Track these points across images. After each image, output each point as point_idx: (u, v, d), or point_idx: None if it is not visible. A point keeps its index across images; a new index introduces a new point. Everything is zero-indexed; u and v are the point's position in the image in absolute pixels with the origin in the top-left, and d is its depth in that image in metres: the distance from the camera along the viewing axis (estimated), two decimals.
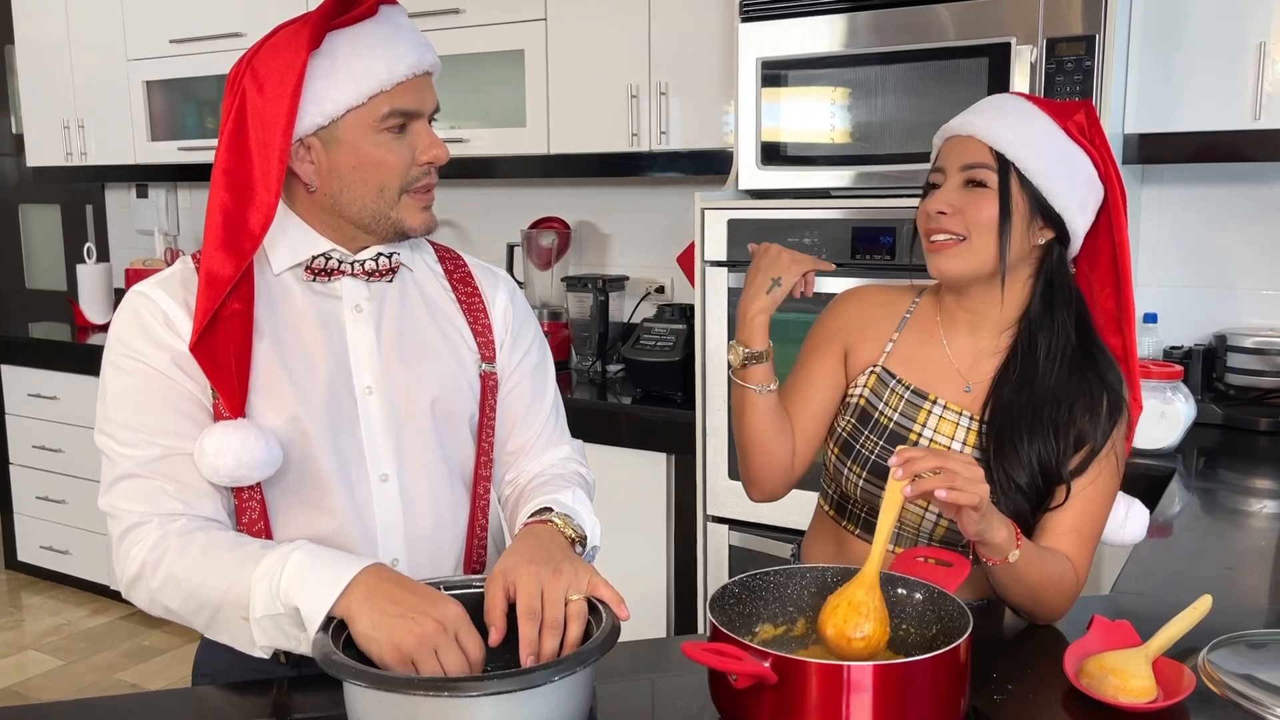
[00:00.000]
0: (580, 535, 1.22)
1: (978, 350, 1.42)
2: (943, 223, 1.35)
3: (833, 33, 2.39)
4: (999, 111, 1.37)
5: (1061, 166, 1.34)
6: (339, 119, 1.20)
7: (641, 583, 2.80)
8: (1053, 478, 1.34)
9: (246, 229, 1.19)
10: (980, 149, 1.34)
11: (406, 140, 1.24)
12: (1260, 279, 2.55)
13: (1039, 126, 1.35)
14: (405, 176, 1.24)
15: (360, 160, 1.22)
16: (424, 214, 1.28)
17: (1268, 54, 2.21)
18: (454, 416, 1.33)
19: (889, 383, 1.44)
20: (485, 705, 0.94)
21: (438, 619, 1.04)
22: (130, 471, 1.19)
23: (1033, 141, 1.34)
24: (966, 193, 1.35)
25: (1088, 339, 1.38)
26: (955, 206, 1.35)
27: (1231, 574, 1.56)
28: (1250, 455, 2.20)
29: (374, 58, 1.19)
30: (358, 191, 1.23)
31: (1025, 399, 1.35)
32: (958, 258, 1.35)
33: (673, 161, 2.89)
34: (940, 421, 1.40)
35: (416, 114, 1.24)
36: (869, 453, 1.42)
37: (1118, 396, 1.36)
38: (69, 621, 3.87)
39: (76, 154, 4.06)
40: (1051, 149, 1.34)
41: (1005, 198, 1.33)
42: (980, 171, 1.34)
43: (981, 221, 1.34)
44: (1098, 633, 1.19)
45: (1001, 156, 1.33)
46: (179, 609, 1.16)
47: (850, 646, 1.10)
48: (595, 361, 3.19)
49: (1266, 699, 1.05)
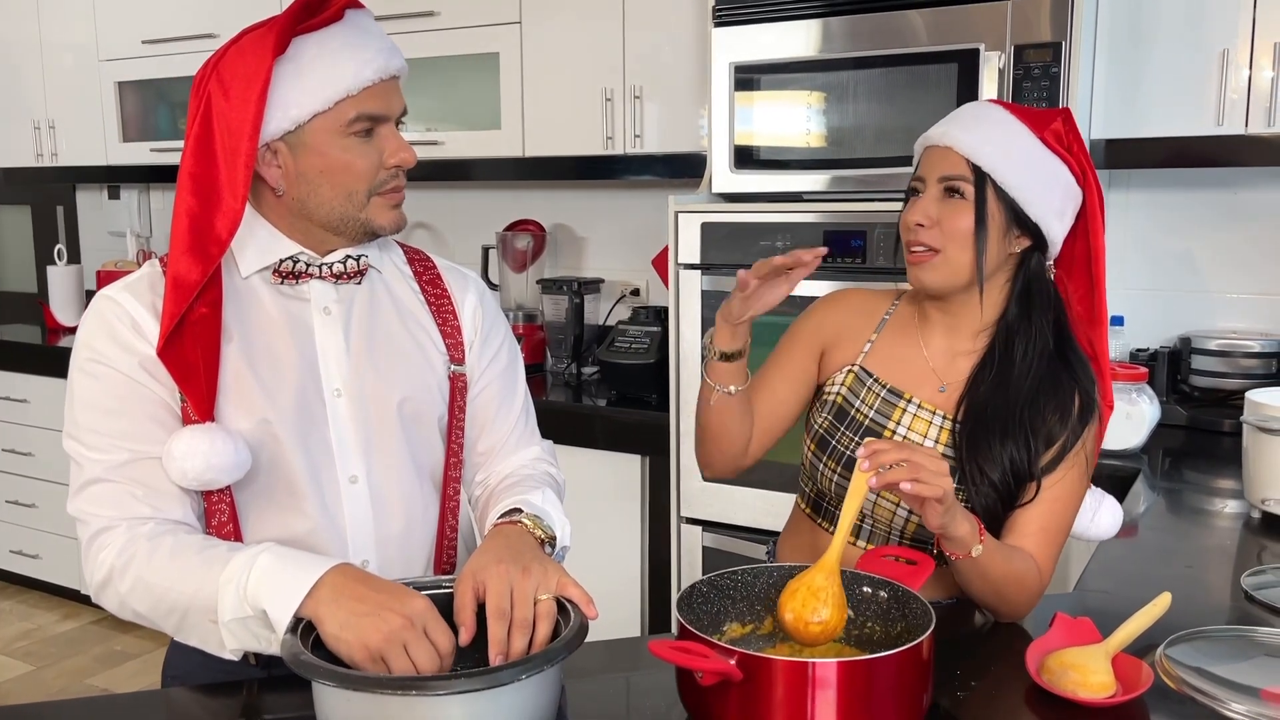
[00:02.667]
0: (550, 536, 1.23)
1: (954, 352, 1.45)
2: (920, 235, 1.37)
3: (805, 38, 2.41)
4: (977, 122, 1.38)
5: (1038, 176, 1.36)
6: (305, 124, 1.20)
7: (616, 582, 2.81)
8: (1024, 475, 1.36)
9: (213, 234, 1.19)
10: (957, 160, 1.36)
11: (374, 144, 1.24)
12: (1225, 282, 2.59)
13: (1016, 137, 1.37)
14: (373, 180, 1.25)
15: (327, 164, 1.22)
16: (393, 212, 1.29)
17: (1231, 61, 2.24)
18: (422, 418, 1.33)
19: (866, 381, 1.46)
20: (453, 704, 0.95)
21: (405, 615, 1.04)
22: (98, 476, 1.19)
23: (1010, 153, 1.36)
24: (944, 203, 1.37)
25: (1064, 342, 1.40)
26: (933, 218, 1.37)
27: (1192, 572, 1.59)
28: (1214, 456, 2.23)
29: (340, 63, 1.19)
30: (325, 195, 1.24)
31: (1000, 399, 1.37)
32: (934, 270, 1.38)
33: (647, 165, 2.90)
34: (914, 420, 1.42)
35: (383, 118, 1.24)
36: (844, 449, 1.44)
37: (1089, 398, 1.38)
38: (39, 626, 3.84)
39: (47, 155, 4.03)
40: (1028, 159, 1.36)
41: (981, 209, 1.35)
42: (957, 183, 1.36)
43: (958, 233, 1.36)
44: (1059, 630, 1.21)
45: (978, 168, 1.35)
46: (148, 613, 1.16)
47: (807, 630, 1.12)
48: (570, 364, 3.20)
49: (1220, 693, 1.07)
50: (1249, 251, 2.56)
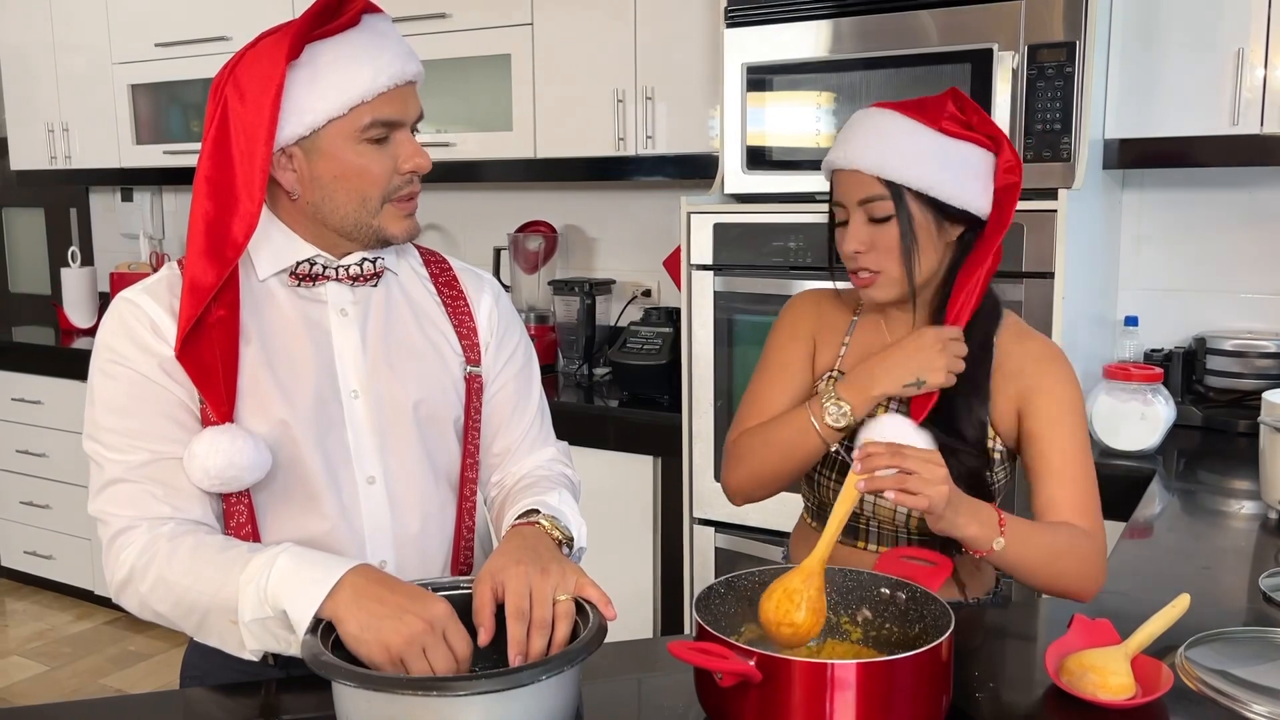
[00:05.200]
0: (567, 536, 1.23)
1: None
2: (860, 261, 1.39)
3: (817, 38, 2.40)
4: (876, 136, 1.37)
5: (950, 168, 1.36)
6: (320, 129, 1.20)
7: (628, 584, 2.81)
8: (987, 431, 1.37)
9: (229, 237, 1.19)
10: (869, 181, 1.36)
11: (389, 149, 1.24)
12: (1239, 282, 2.58)
13: (916, 138, 1.36)
14: (387, 185, 1.24)
15: (342, 170, 1.22)
16: (406, 221, 1.28)
17: (1246, 60, 2.23)
18: (438, 419, 1.34)
19: None
20: (473, 704, 0.95)
21: (425, 618, 1.04)
22: (118, 476, 1.19)
23: (916, 157, 1.35)
24: (873, 226, 1.37)
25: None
26: (866, 242, 1.37)
27: (1210, 573, 1.58)
28: (1229, 457, 2.23)
29: (356, 68, 1.19)
30: (339, 200, 1.24)
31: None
32: (882, 289, 1.40)
33: (658, 166, 2.90)
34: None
35: (399, 124, 1.24)
36: (834, 454, 1.43)
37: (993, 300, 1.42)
38: (53, 627, 3.85)
39: (60, 157, 4.05)
40: (935, 156, 1.36)
41: (906, 222, 1.36)
42: (878, 205, 1.36)
43: (893, 252, 1.37)
44: (1078, 631, 1.21)
45: (891, 183, 1.35)
46: (168, 613, 1.17)
47: (779, 632, 1.12)
48: (582, 365, 3.20)
49: (1241, 694, 1.07)
50: (1264, 251, 2.55)
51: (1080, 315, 2.28)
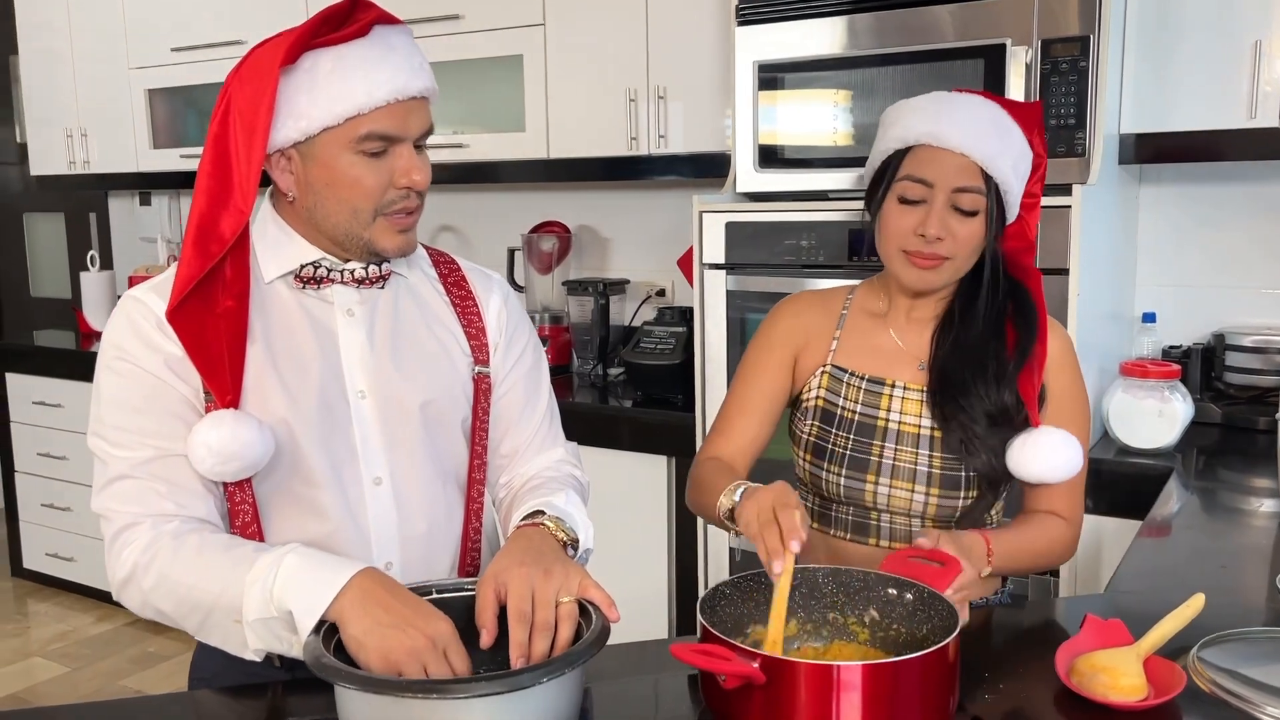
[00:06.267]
0: (572, 538, 1.23)
1: (921, 323, 1.46)
2: (936, 247, 1.36)
3: (828, 35, 2.39)
4: (989, 126, 1.35)
5: (1020, 179, 1.38)
6: (315, 136, 1.19)
7: (643, 585, 2.80)
8: (1007, 419, 1.38)
9: (216, 232, 1.19)
10: (972, 171, 1.34)
11: (385, 163, 1.21)
12: (1259, 277, 2.54)
13: (1020, 143, 1.37)
14: (380, 199, 1.22)
15: (334, 178, 1.21)
16: (399, 237, 1.26)
17: (1263, 52, 2.20)
18: (446, 420, 1.33)
19: (842, 378, 1.46)
20: (475, 707, 0.95)
21: (429, 634, 1.04)
22: (123, 473, 1.20)
23: (1016, 162, 1.36)
24: (954, 215, 1.35)
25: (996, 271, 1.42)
26: (946, 229, 1.35)
27: (1227, 573, 1.56)
28: (1249, 454, 2.20)
29: (353, 80, 1.17)
30: (331, 208, 1.23)
31: (959, 354, 1.40)
32: (941, 274, 1.39)
33: (671, 165, 2.89)
34: (904, 403, 1.43)
35: (397, 138, 1.21)
36: (842, 449, 1.43)
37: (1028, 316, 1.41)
38: (74, 628, 3.88)
39: (79, 162, 4.08)
40: (1024, 163, 1.38)
41: (991, 218, 1.35)
42: (971, 197, 1.34)
43: (971, 241, 1.37)
44: (1090, 632, 1.19)
45: (989, 177, 1.34)
46: (171, 611, 1.17)
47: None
48: (596, 365, 3.20)
49: (1255, 696, 1.05)
50: None
51: (1096, 311, 2.26)
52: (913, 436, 1.41)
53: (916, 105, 1.39)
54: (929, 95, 1.41)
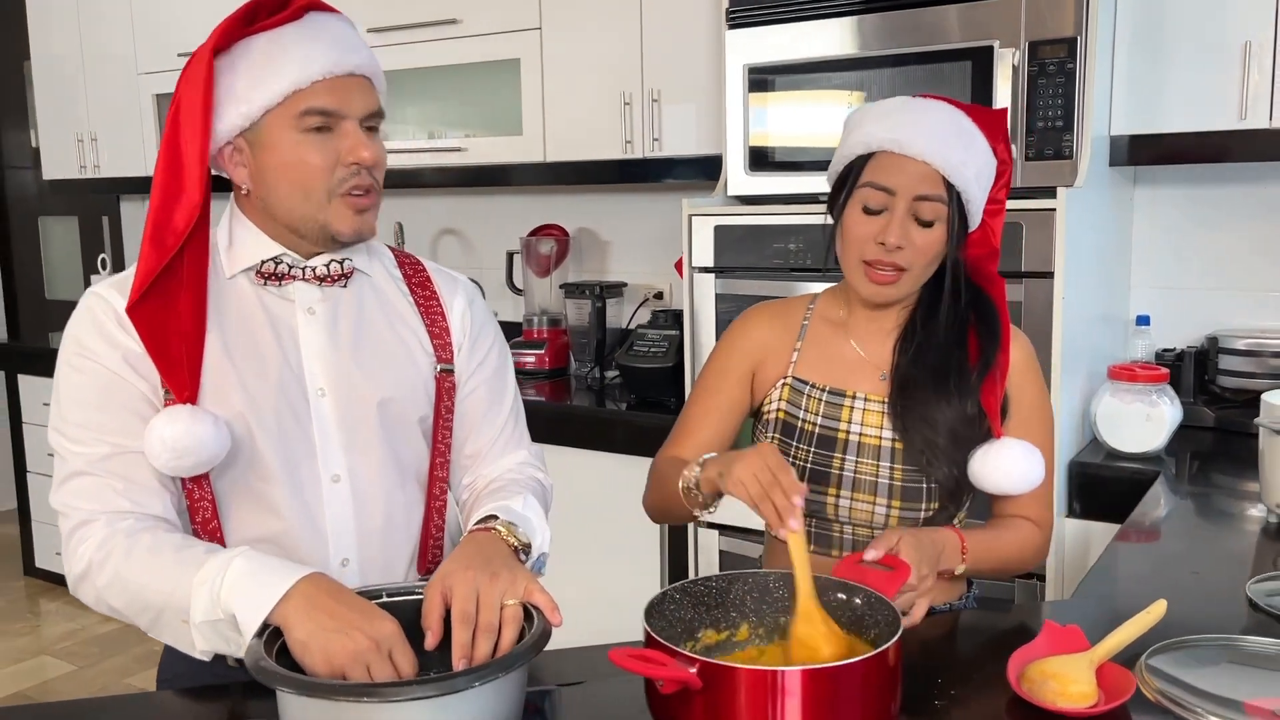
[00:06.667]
0: (524, 543, 1.23)
1: (883, 332, 1.45)
2: (895, 256, 1.34)
3: (818, 38, 2.39)
4: (953, 133, 1.33)
5: (983, 189, 1.36)
6: (259, 120, 1.22)
7: (634, 587, 2.80)
8: (967, 432, 1.37)
9: (171, 225, 1.21)
10: (934, 179, 1.32)
11: (331, 141, 1.23)
12: (1252, 280, 2.52)
13: (984, 151, 1.35)
14: (329, 178, 1.24)
15: (282, 160, 1.23)
16: (356, 219, 1.26)
17: (1254, 53, 2.18)
18: (405, 418, 1.34)
19: (803, 390, 1.44)
20: (410, 710, 0.95)
21: (372, 636, 1.05)
22: (80, 469, 1.21)
23: (980, 170, 1.35)
24: (914, 224, 1.33)
25: (957, 281, 1.40)
26: (906, 239, 1.33)
27: (1199, 578, 1.54)
28: (1240, 459, 2.17)
29: (288, 58, 1.20)
30: (283, 193, 1.24)
31: (920, 365, 1.39)
32: (899, 287, 1.37)
33: (666, 168, 2.90)
34: (865, 414, 1.42)
35: (339, 114, 1.23)
36: (802, 462, 1.42)
37: (990, 325, 1.40)
38: (83, 627, 3.93)
39: (90, 166, 4.13)
40: (986, 173, 1.36)
41: (952, 231, 1.34)
42: (932, 206, 1.32)
43: (929, 251, 1.35)
44: (1045, 638, 1.19)
45: (951, 187, 1.33)
46: (123, 609, 1.18)
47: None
48: (593, 368, 3.20)
49: (1197, 703, 1.04)
50: (1278, 247, 2.48)
51: (1084, 315, 2.24)
52: (873, 449, 1.41)
53: (880, 110, 1.38)
54: (893, 100, 1.40)
